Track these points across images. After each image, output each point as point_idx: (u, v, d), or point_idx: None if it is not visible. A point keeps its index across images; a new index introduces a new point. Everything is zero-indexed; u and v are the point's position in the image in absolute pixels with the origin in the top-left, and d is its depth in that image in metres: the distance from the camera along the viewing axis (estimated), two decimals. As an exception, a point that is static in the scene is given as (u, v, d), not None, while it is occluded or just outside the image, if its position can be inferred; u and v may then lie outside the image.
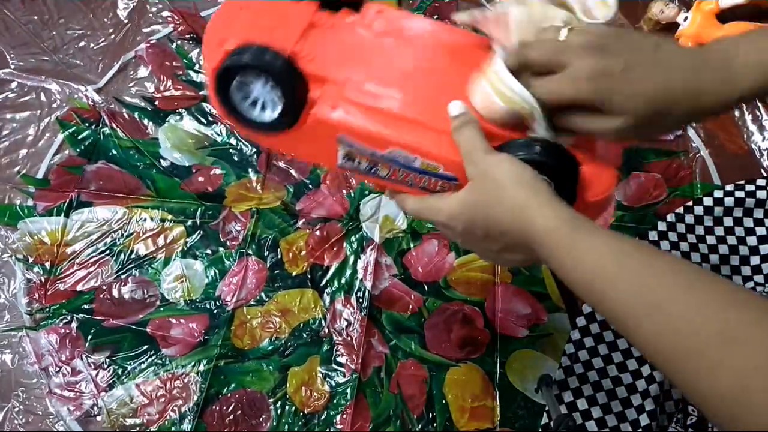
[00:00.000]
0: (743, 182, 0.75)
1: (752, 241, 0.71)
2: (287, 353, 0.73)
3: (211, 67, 0.44)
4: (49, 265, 0.76)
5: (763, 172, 0.82)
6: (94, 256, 0.77)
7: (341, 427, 0.69)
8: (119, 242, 0.78)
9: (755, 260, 0.71)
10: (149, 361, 0.71)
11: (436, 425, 0.69)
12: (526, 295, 0.76)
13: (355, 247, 0.78)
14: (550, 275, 0.77)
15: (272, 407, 0.70)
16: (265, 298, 0.75)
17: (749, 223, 0.73)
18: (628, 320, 0.34)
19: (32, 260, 0.76)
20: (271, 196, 0.81)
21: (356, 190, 0.82)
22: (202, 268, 0.77)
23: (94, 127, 0.86)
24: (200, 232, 0.79)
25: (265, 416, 0.69)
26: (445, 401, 0.70)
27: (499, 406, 0.70)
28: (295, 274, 0.77)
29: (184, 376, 0.71)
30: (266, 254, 0.78)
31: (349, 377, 0.71)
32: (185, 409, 0.69)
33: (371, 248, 0.78)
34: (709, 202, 0.75)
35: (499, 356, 0.72)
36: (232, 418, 0.69)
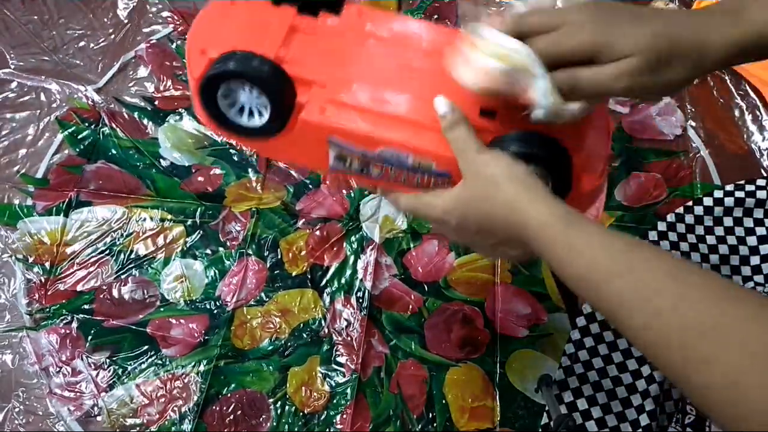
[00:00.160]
0: (743, 182, 0.75)
1: (752, 241, 0.71)
2: (287, 353, 0.73)
3: (194, 76, 0.43)
4: (49, 265, 0.76)
5: (763, 172, 0.82)
6: (93, 256, 0.77)
7: (341, 427, 0.69)
8: (119, 242, 0.78)
9: (755, 260, 0.71)
10: (149, 361, 0.71)
11: (436, 425, 0.69)
12: (526, 295, 0.76)
13: (355, 247, 0.78)
14: (550, 275, 0.77)
15: (272, 407, 0.70)
16: (265, 298, 0.75)
17: (749, 223, 0.73)
18: (621, 314, 0.34)
19: (32, 260, 0.76)
20: (271, 196, 0.81)
21: (356, 190, 0.82)
22: (201, 268, 0.77)
23: (93, 126, 0.86)
24: (200, 232, 0.79)
25: (265, 416, 0.69)
26: (445, 401, 0.70)
27: (499, 406, 0.70)
28: (295, 274, 0.77)
29: (184, 376, 0.71)
30: (266, 254, 0.78)
31: (349, 377, 0.71)
32: (185, 409, 0.69)
33: (371, 248, 0.78)
34: (709, 202, 0.75)
35: (499, 356, 0.72)
36: (232, 418, 0.69)
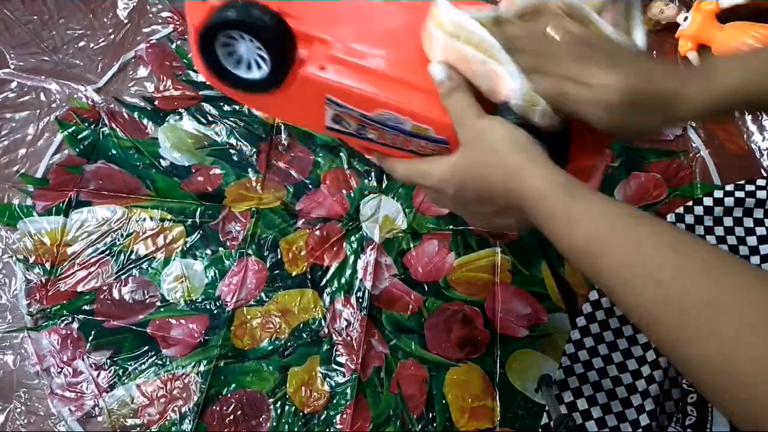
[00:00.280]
0: (743, 182, 0.75)
1: (752, 241, 0.71)
2: (287, 353, 0.73)
3: (194, 24, 0.42)
4: (49, 265, 0.76)
5: (763, 172, 0.82)
6: (94, 256, 0.77)
7: (341, 427, 0.69)
8: (119, 242, 0.78)
9: (755, 260, 0.70)
10: (150, 361, 0.72)
11: (436, 425, 0.69)
12: (526, 295, 0.76)
13: (355, 247, 0.78)
14: (550, 275, 0.77)
15: (272, 407, 0.70)
16: (264, 298, 0.75)
17: (749, 223, 0.73)
18: (618, 285, 0.34)
19: (33, 261, 0.77)
20: (270, 196, 0.81)
21: (356, 190, 0.82)
22: (201, 268, 0.77)
23: (93, 126, 0.86)
24: (200, 232, 0.79)
25: (265, 416, 0.70)
26: (445, 401, 0.70)
27: (499, 406, 0.70)
28: (295, 274, 0.77)
29: (184, 376, 0.71)
30: (266, 254, 0.78)
31: (349, 377, 0.71)
32: (185, 409, 0.69)
33: (371, 248, 0.78)
34: (709, 202, 0.75)
35: (499, 356, 0.72)
36: (232, 418, 0.69)
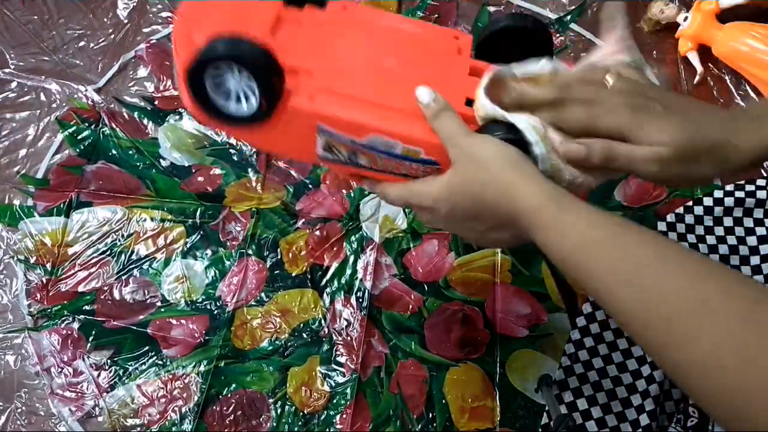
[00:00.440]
0: (743, 182, 0.75)
1: (752, 241, 0.71)
2: (287, 353, 0.73)
3: (182, 61, 0.43)
4: (50, 266, 0.77)
5: (763, 172, 0.82)
6: (94, 256, 0.77)
7: (341, 427, 0.69)
8: (120, 243, 0.78)
9: (755, 260, 0.70)
10: (150, 361, 0.72)
11: (436, 425, 0.69)
12: (526, 295, 0.76)
13: (355, 247, 0.79)
14: (550, 275, 0.77)
15: (272, 407, 0.70)
16: (265, 298, 0.76)
17: (749, 223, 0.73)
18: (606, 292, 0.34)
19: (33, 261, 0.77)
20: (271, 196, 0.81)
21: (356, 190, 0.82)
22: (202, 268, 0.77)
23: (93, 127, 0.86)
24: (200, 232, 0.79)
25: (265, 416, 0.70)
26: (445, 401, 0.70)
27: (499, 406, 0.70)
28: (295, 274, 0.77)
29: (184, 376, 0.71)
30: (266, 254, 0.78)
31: (348, 377, 0.71)
32: (186, 409, 0.70)
33: (371, 248, 0.78)
34: (709, 202, 0.75)
35: (499, 356, 0.72)
36: (232, 418, 0.69)
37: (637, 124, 0.40)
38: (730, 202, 0.74)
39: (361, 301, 0.75)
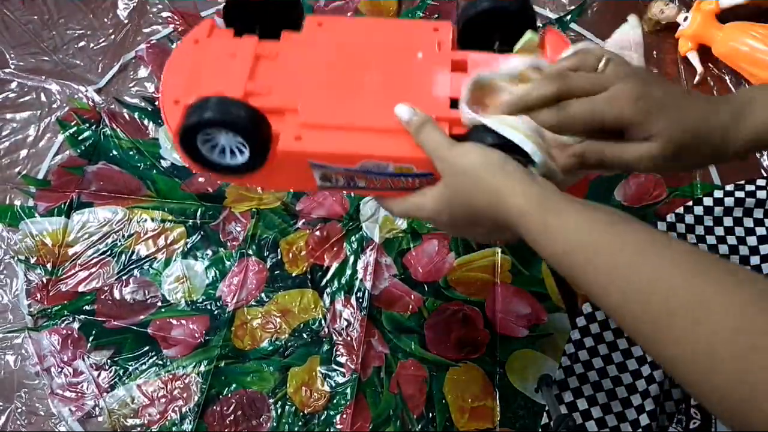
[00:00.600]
0: (743, 182, 0.75)
1: (752, 241, 0.71)
2: (287, 353, 0.73)
3: (172, 127, 0.44)
4: (50, 266, 0.77)
5: (763, 172, 0.82)
6: (95, 257, 0.77)
7: (341, 427, 0.69)
8: (120, 243, 0.78)
9: (755, 260, 0.71)
10: (150, 361, 0.72)
11: (436, 425, 0.69)
12: (526, 295, 0.76)
13: (355, 247, 0.79)
14: (550, 275, 0.77)
15: (272, 407, 0.70)
16: (265, 298, 0.76)
17: (749, 223, 0.73)
18: (601, 292, 0.34)
19: (34, 261, 0.77)
20: (271, 196, 0.82)
21: (356, 190, 0.82)
22: (202, 268, 0.77)
23: (94, 127, 0.86)
24: (200, 232, 0.79)
25: (265, 416, 0.70)
26: (445, 401, 0.70)
27: (499, 406, 0.70)
28: (295, 274, 0.77)
29: (184, 376, 0.71)
30: (266, 255, 0.78)
31: (349, 377, 0.71)
32: (186, 409, 0.70)
33: (371, 248, 0.78)
34: (709, 202, 0.75)
35: (499, 356, 0.72)
36: (232, 418, 0.69)
37: (640, 117, 0.40)
38: (730, 202, 0.74)
39: (361, 301, 0.75)
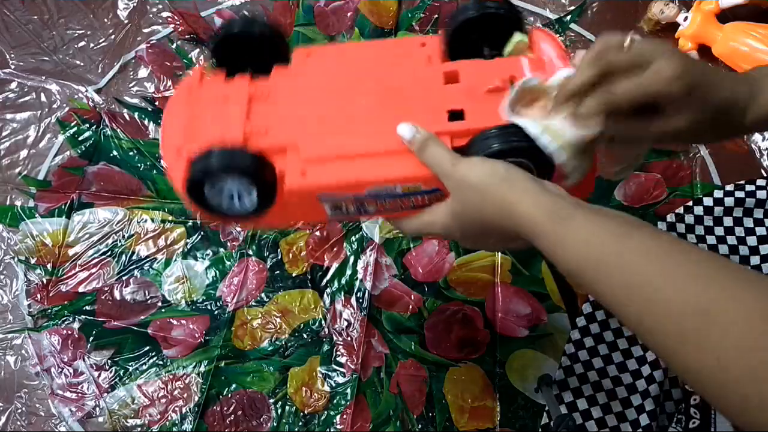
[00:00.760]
0: (743, 182, 0.75)
1: (752, 241, 0.71)
2: (287, 354, 0.73)
3: (177, 180, 0.44)
4: (51, 266, 0.77)
5: (763, 172, 0.82)
6: (95, 257, 0.77)
7: (341, 427, 0.69)
8: (120, 243, 0.78)
9: (755, 260, 0.71)
10: (151, 362, 0.72)
11: (436, 425, 0.69)
12: (526, 295, 0.76)
13: (355, 247, 0.79)
14: (550, 275, 0.77)
15: (273, 408, 0.70)
16: (265, 298, 0.76)
17: (749, 223, 0.73)
18: (615, 302, 0.34)
19: (34, 262, 0.77)
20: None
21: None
22: (202, 268, 0.77)
23: (94, 128, 0.86)
24: (201, 232, 0.79)
25: (265, 417, 0.70)
26: (444, 401, 0.70)
27: (499, 406, 0.70)
28: (295, 274, 0.77)
29: (185, 376, 0.71)
30: (266, 255, 0.78)
31: (349, 377, 0.71)
32: (186, 409, 0.70)
33: (371, 248, 0.78)
34: (709, 202, 0.75)
35: (499, 356, 0.72)
36: (232, 418, 0.69)
37: (680, 95, 0.40)
38: (730, 202, 0.74)
39: (361, 301, 0.75)
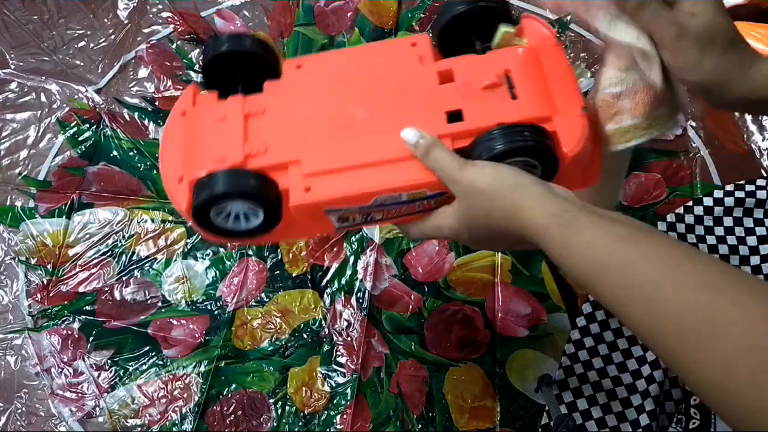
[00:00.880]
0: (743, 182, 0.75)
1: (752, 241, 0.71)
2: (287, 354, 0.73)
3: (181, 206, 0.44)
4: (51, 266, 0.77)
5: (763, 172, 0.82)
6: (95, 257, 0.77)
7: (341, 427, 0.69)
8: (121, 244, 0.78)
9: (755, 260, 0.71)
10: (151, 362, 0.72)
11: (436, 425, 0.69)
12: (526, 295, 0.76)
13: (355, 247, 0.79)
14: (550, 275, 0.77)
15: (273, 408, 0.70)
16: (265, 298, 0.76)
17: (749, 223, 0.73)
18: (621, 308, 0.34)
19: (34, 262, 0.77)
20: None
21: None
22: (202, 268, 0.77)
23: (94, 128, 0.86)
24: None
25: (265, 417, 0.70)
26: (444, 401, 0.70)
27: (499, 406, 0.70)
28: (295, 274, 0.77)
29: (185, 376, 0.71)
30: (266, 255, 0.78)
31: (349, 377, 0.71)
32: (186, 409, 0.70)
33: (371, 248, 0.78)
34: (709, 202, 0.75)
35: (499, 356, 0.72)
36: (232, 418, 0.69)
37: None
38: (730, 202, 0.74)
39: (361, 301, 0.75)
